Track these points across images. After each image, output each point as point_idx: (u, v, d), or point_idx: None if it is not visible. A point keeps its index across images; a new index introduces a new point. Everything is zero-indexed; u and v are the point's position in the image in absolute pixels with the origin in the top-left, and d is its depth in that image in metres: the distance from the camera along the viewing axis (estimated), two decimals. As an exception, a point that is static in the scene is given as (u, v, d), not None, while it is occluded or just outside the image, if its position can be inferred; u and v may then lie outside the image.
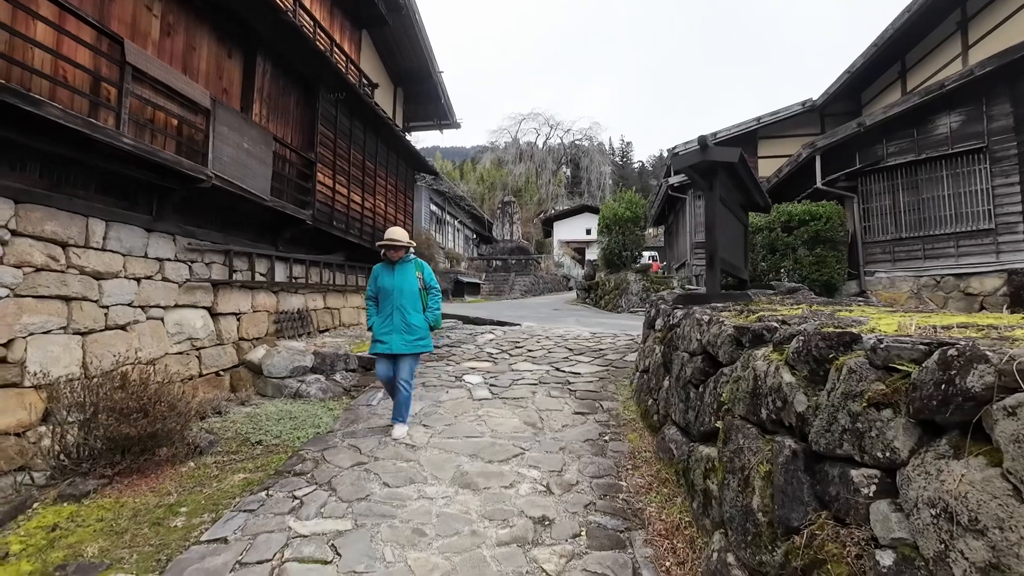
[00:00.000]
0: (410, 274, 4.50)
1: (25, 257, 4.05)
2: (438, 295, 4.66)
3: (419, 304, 4.49)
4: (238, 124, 5.97)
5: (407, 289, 4.44)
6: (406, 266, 4.53)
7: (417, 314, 4.45)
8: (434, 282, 4.63)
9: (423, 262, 4.65)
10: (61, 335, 4.32)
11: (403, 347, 4.36)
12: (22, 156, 4.09)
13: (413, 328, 4.40)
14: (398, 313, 4.39)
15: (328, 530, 2.89)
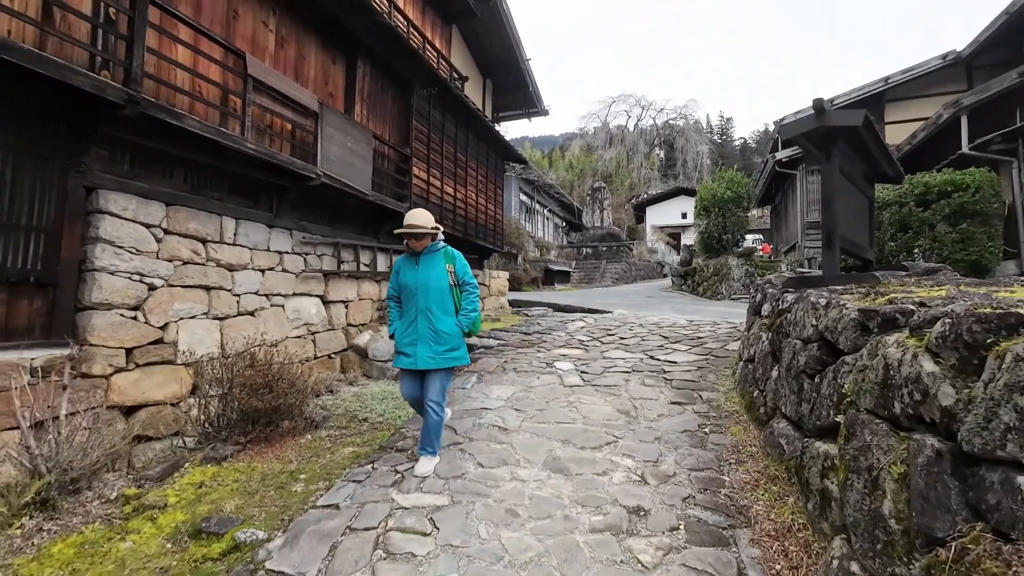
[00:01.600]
0: (438, 267, 3.55)
1: (175, 252, 4.69)
2: (474, 293, 3.64)
3: (449, 305, 3.56)
4: (342, 124, 6.41)
5: (434, 286, 3.51)
6: (433, 257, 3.59)
7: (447, 318, 3.52)
8: (469, 276, 3.65)
9: (455, 251, 3.69)
10: (204, 320, 4.96)
11: (430, 360, 3.43)
12: (171, 164, 4.71)
13: (442, 336, 3.46)
14: (423, 317, 3.48)
15: (427, 504, 3.04)
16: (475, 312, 3.62)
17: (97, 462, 3.12)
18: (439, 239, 3.66)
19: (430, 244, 3.60)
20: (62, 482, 2.90)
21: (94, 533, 2.71)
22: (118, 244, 4.18)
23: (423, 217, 3.54)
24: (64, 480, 2.91)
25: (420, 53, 8.00)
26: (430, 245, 3.60)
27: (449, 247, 3.68)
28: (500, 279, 12.70)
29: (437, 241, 3.64)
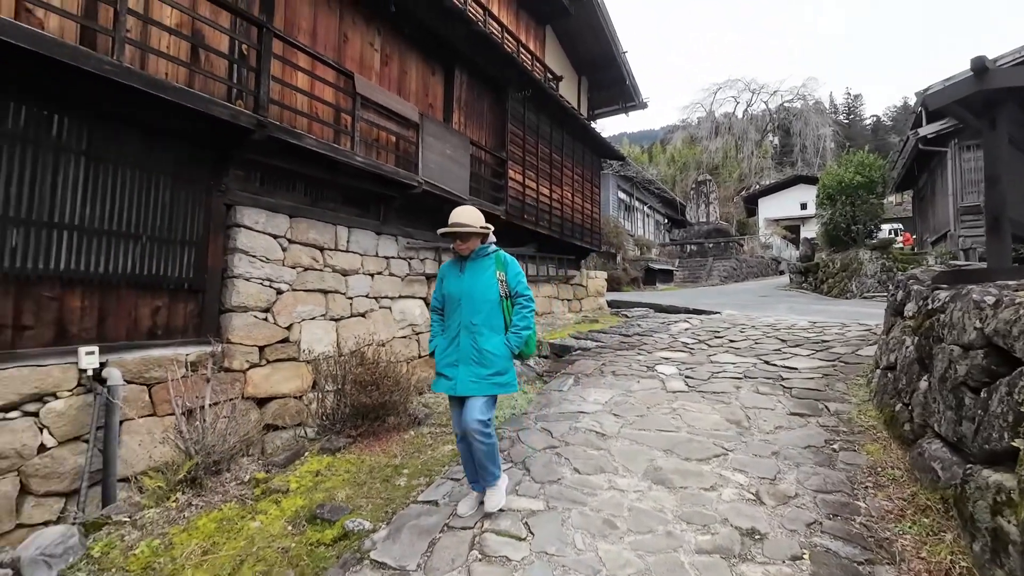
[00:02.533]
0: (486, 275, 2.97)
1: (297, 259, 5.18)
2: (528, 307, 2.99)
3: (498, 320, 2.96)
4: (441, 133, 6.67)
5: (479, 297, 2.94)
6: (481, 263, 3.01)
7: (494, 336, 2.92)
8: (522, 286, 3.01)
9: (507, 256, 3.07)
10: (322, 320, 5.42)
11: (472, 385, 2.86)
12: (293, 180, 5.21)
13: (487, 357, 2.88)
14: (466, 334, 2.92)
15: (522, 508, 3.01)
16: (528, 330, 2.97)
17: (234, 447, 3.52)
18: (490, 241, 3.05)
19: (478, 247, 3.00)
20: (206, 464, 3.31)
21: (231, 511, 3.05)
22: (252, 254, 4.71)
23: (470, 214, 2.95)
24: (208, 462, 3.32)
25: (514, 57, 8.08)
26: (478, 248, 3.00)
27: (502, 252, 3.06)
28: (598, 279, 12.43)
29: (488, 244, 3.04)
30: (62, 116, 3.54)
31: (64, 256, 3.58)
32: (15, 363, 3.29)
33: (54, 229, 3.53)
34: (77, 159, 3.64)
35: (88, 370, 3.59)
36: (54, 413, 3.45)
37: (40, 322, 3.49)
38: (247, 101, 4.51)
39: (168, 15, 4.09)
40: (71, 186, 3.61)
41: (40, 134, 3.45)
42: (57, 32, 3.44)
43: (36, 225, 3.43)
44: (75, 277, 3.63)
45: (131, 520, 2.91)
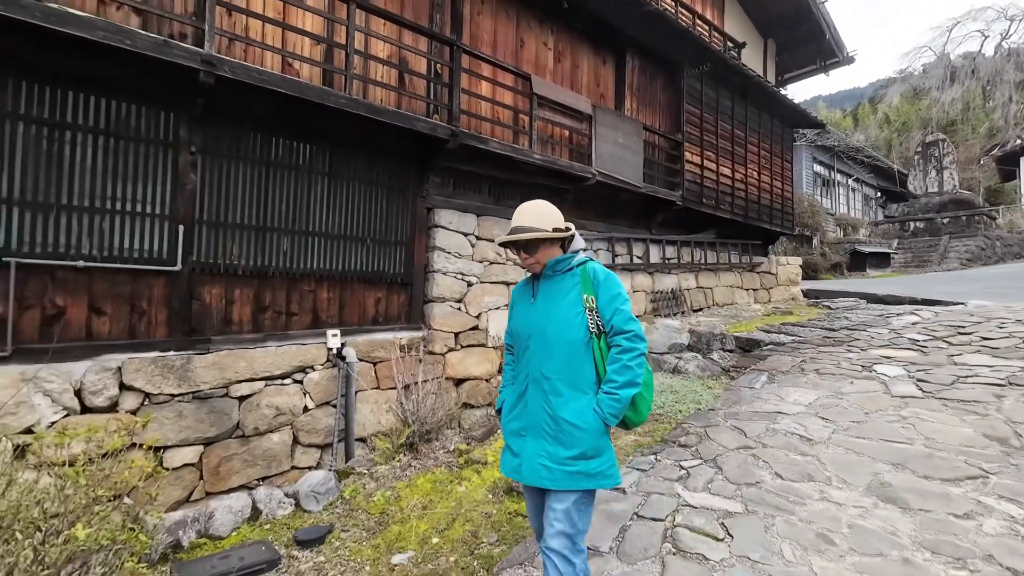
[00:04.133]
0: (566, 300, 1.92)
1: (483, 255, 5.66)
2: (633, 349, 1.85)
3: (584, 370, 1.88)
4: (613, 122, 6.60)
5: (554, 334, 1.90)
6: (559, 283, 1.96)
7: (578, 397, 1.86)
8: (623, 316, 1.87)
9: (601, 270, 1.96)
10: (504, 311, 5.84)
11: (544, 474, 1.84)
12: (479, 182, 5.70)
13: (567, 431, 1.84)
14: (536, 391, 1.92)
15: (716, 507, 2.86)
16: (633, 387, 1.81)
17: (441, 420, 4.03)
18: (577, 248, 1.99)
19: (555, 259, 1.94)
20: (420, 432, 3.86)
21: (441, 475, 3.50)
22: (447, 251, 5.30)
23: (535, 213, 1.95)
24: (422, 431, 3.86)
25: (689, 31, 7.57)
26: (555, 261, 1.94)
27: (593, 263, 1.97)
28: (790, 266, 11.04)
29: (572, 253, 1.97)
30: (312, 146, 4.43)
31: (316, 258, 4.48)
32: (288, 342, 4.24)
33: (309, 236, 4.43)
34: (322, 179, 4.52)
35: (333, 349, 4.45)
36: (312, 382, 4.36)
37: (302, 310, 4.43)
38: (441, 114, 5.06)
39: (381, 49, 4.80)
40: (318, 201, 4.49)
41: (298, 161, 4.37)
42: (307, 78, 4.31)
43: (298, 234, 4.36)
44: (324, 274, 4.52)
45: (368, 472, 3.55)
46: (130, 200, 3.55)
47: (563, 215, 2.02)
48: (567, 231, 1.95)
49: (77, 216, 3.34)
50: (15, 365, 3.06)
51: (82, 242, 3.35)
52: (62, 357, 3.22)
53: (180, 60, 3.29)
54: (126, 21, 3.43)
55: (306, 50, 4.32)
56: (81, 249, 3.35)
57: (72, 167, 3.32)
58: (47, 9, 2.88)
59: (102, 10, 3.36)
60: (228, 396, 3.88)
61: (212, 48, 3.43)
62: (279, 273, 4.24)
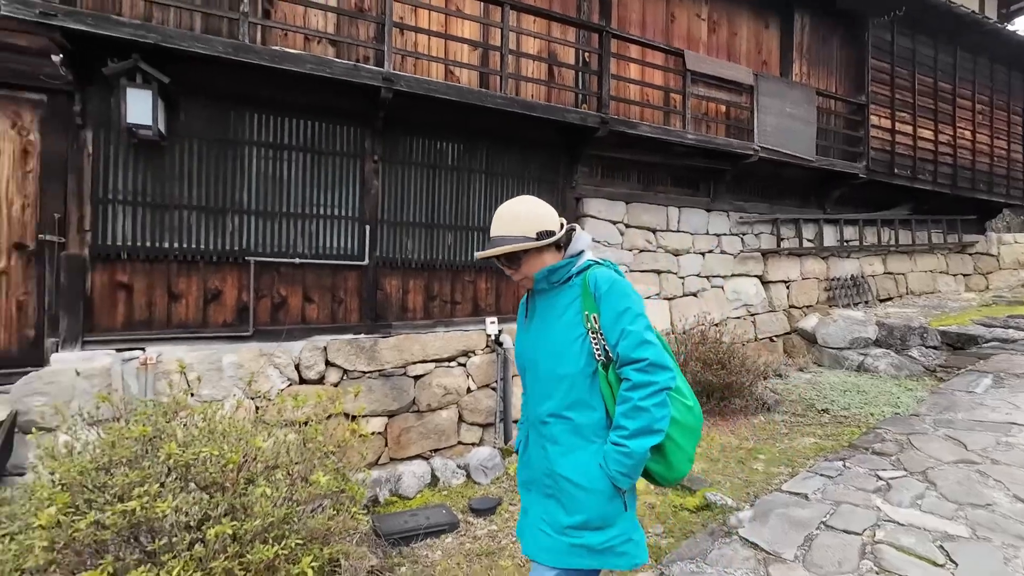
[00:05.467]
0: (562, 319, 1.45)
1: (633, 242, 5.53)
2: (650, 383, 1.30)
3: (587, 413, 1.42)
4: (779, 90, 5.94)
5: (547, 368, 1.46)
6: (555, 298, 1.49)
7: (580, 447, 1.41)
8: (634, 339, 1.33)
9: (606, 276, 1.42)
10: (656, 300, 5.65)
11: (543, 543, 1.43)
12: (627, 169, 5.57)
13: (567, 491, 1.40)
14: (535, 435, 1.51)
15: (932, 527, 2.44)
16: (648, 435, 1.32)
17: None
18: (576, 250, 1.51)
19: (547, 267, 1.47)
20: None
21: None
22: (596, 240, 5.28)
23: (509, 218, 1.47)
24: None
25: (876, -28, 6.47)
26: (546, 271, 1.47)
27: (597, 269, 1.46)
28: (1018, 245, 8.87)
29: (569, 259, 1.49)
30: (471, 146, 4.73)
31: (475, 250, 4.79)
32: (453, 328, 4.62)
33: (469, 231, 4.76)
34: (480, 177, 4.81)
35: (491, 335, 4.74)
36: (474, 365, 4.70)
37: (464, 299, 4.79)
38: (590, 103, 5.04)
39: (532, 46, 4.94)
40: (477, 197, 4.79)
41: (459, 162, 4.71)
42: (466, 83, 4.61)
43: (460, 229, 4.71)
44: (482, 266, 4.83)
45: (530, 453, 3.71)
46: (329, 206, 4.16)
47: (717, 198, 1.67)
48: (549, 236, 1.41)
49: (293, 221, 4.02)
50: (255, 343, 3.81)
51: (297, 243, 4.04)
52: (286, 337, 3.93)
53: (366, 80, 3.76)
54: (324, 52, 4.02)
55: (464, 56, 4.62)
56: (297, 248, 4.03)
57: (288, 181, 4.01)
58: (272, 51, 3.51)
59: (307, 46, 3.99)
60: (406, 375, 4.37)
61: (390, 66, 3.86)
62: (444, 265, 4.63)
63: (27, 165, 3.38)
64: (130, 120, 3.25)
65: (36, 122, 3.38)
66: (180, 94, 3.51)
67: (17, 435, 3.07)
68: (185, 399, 2.24)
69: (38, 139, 3.39)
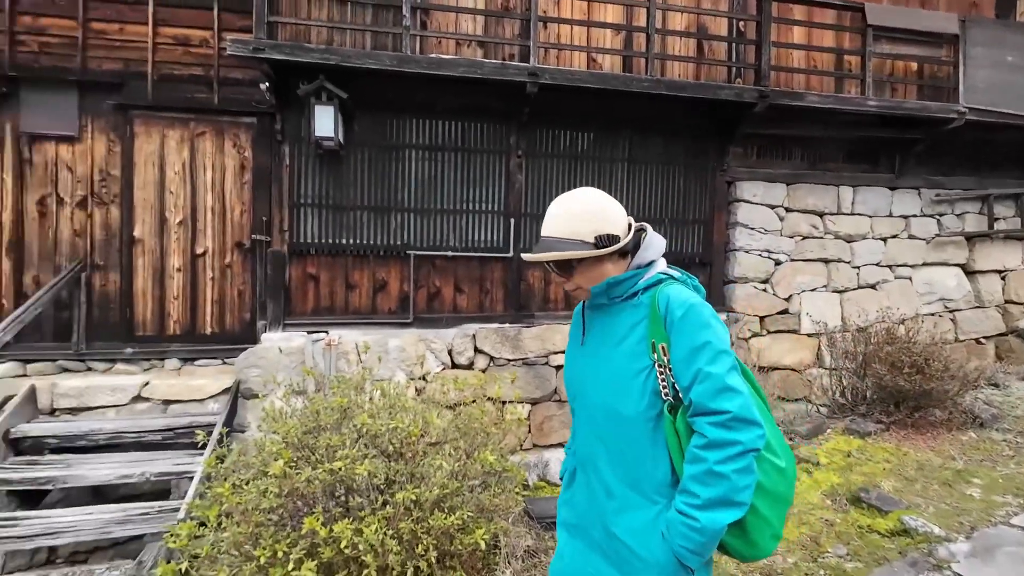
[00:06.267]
0: (623, 345, 1.16)
1: (795, 228, 4.95)
2: (731, 437, 1.00)
3: (647, 465, 1.12)
4: (995, 36, 4.84)
5: (601, 402, 1.18)
6: (616, 315, 1.18)
7: (641, 504, 1.12)
8: (711, 387, 1.02)
9: (680, 297, 1.10)
10: (823, 292, 5.00)
11: None
12: (788, 146, 4.98)
13: (621, 553, 1.13)
14: (584, 476, 1.24)
15: None
16: (726, 507, 1.01)
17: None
18: (647, 261, 1.18)
19: (608, 279, 1.16)
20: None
21: (762, 467, 3.23)
22: (750, 226, 4.83)
23: (563, 216, 1.16)
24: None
25: None
26: (605, 284, 1.16)
27: (670, 286, 1.14)
28: None
29: (636, 270, 1.17)
30: (613, 134, 4.62)
31: (617, 240, 4.68)
32: (594, 319, 4.58)
33: (611, 220, 4.66)
34: (622, 165, 4.68)
35: (634, 328, 4.61)
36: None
37: (605, 290, 4.71)
38: (745, 76, 4.61)
39: (679, 22, 4.65)
40: (619, 187, 4.67)
41: (600, 151, 4.62)
42: (608, 68, 4.50)
43: (601, 219, 4.63)
44: (623, 256, 4.70)
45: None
46: (478, 201, 4.38)
47: (904, 173, 1.26)
48: (624, 236, 1.14)
49: (446, 217, 4.31)
50: (415, 329, 4.17)
51: (450, 237, 4.32)
52: (439, 324, 4.24)
53: (513, 77, 3.86)
54: (474, 54, 4.22)
55: (607, 42, 4.51)
56: (449, 242, 4.31)
57: (442, 180, 4.30)
58: (429, 59, 3.78)
59: (458, 50, 4.22)
60: (548, 364, 4.44)
61: (535, 60, 3.92)
62: (586, 256, 4.60)
63: (243, 177, 4.08)
64: (317, 134, 3.74)
65: (249, 141, 4.07)
66: (354, 107, 3.95)
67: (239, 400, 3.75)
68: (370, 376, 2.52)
69: (251, 155, 4.08)
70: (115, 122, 3.91)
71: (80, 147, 3.88)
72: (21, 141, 3.81)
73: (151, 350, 3.95)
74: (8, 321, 3.23)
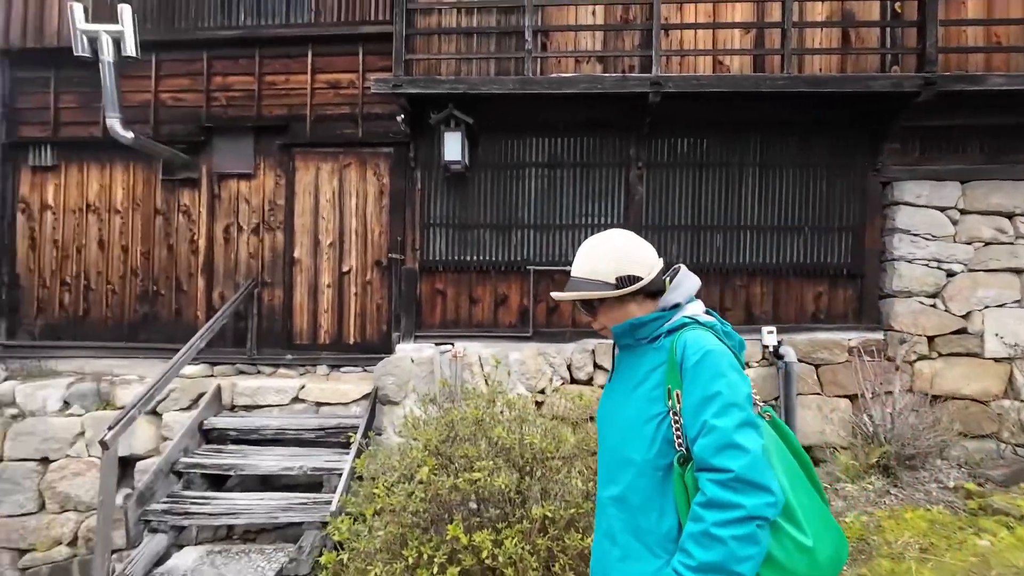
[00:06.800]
0: (641, 388, 1.11)
1: (973, 233, 4.21)
2: (731, 499, 0.91)
3: (653, 516, 1.05)
4: None
5: (614, 444, 1.14)
6: (640, 356, 1.15)
7: (643, 557, 1.06)
8: (714, 442, 0.94)
9: (697, 343, 1.03)
10: (1015, 308, 4.17)
11: None
12: (961, 138, 4.27)
13: None
14: (601, 521, 1.17)
15: None
16: (718, 574, 0.93)
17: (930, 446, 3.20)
18: (672, 303, 1.16)
19: (630, 320, 1.16)
20: (899, 455, 3.16)
21: (940, 515, 2.76)
22: (913, 232, 4.20)
23: (587, 256, 1.19)
24: (901, 454, 3.16)
25: None
26: (628, 325, 1.16)
27: (690, 331, 1.09)
28: None
29: (661, 313, 1.15)
30: (741, 138, 4.33)
31: (747, 252, 4.36)
32: (723, 336, 4.29)
33: (740, 230, 4.36)
34: (752, 171, 4.36)
35: (769, 346, 4.22)
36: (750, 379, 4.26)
37: (735, 305, 4.39)
38: (904, 63, 4.06)
39: (819, 11, 4.25)
40: (749, 194, 4.36)
41: (727, 157, 4.35)
42: (736, 70, 4.24)
43: (729, 229, 4.35)
44: (755, 268, 4.35)
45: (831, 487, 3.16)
46: (596, 215, 4.36)
47: None
48: (647, 276, 1.12)
49: (564, 232, 4.35)
50: (534, 343, 4.23)
51: (568, 252, 4.34)
52: (559, 339, 4.26)
53: (634, 88, 3.80)
54: (592, 70, 4.24)
55: (735, 42, 4.26)
56: (568, 257, 4.33)
57: (560, 195, 4.35)
58: (550, 79, 3.87)
59: (577, 67, 4.26)
60: (672, 383, 4.24)
61: (658, 69, 3.82)
62: (712, 269, 4.34)
63: (382, 202, 4.49)
64: (446, 158, 4.00)
65: (387, 169, 4.47)
66: (478, 130, 4.16)
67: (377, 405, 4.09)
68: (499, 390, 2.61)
69: (388, 182, 4.48)
70: (281, 159, 4.54)
71: (255, 182, 4.56)
72: (213, 180, 4.58)
73: (306, 357, 4.48)
74: (203, 331, 3.87)
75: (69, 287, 4.67)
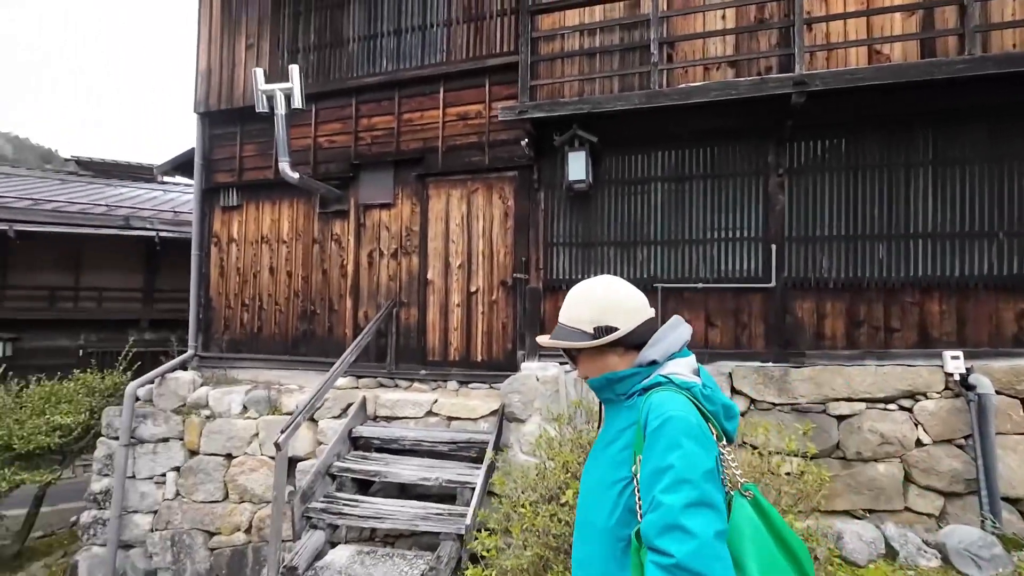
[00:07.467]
0: (609, 449, 1.04)
1: None
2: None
3: None
4: None
5: (582, 506, 1.08)
6: (616, 415, 1.06)
7: None
8: (660, 520, 0.82)
9: (661, 408, 0.90)
10: None
11: None
12: None
13: None
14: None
15: None
16: None
17: None
18: (648, 360, 1.03)
19: (608, 374, 1.07)
20: None
21: None
22: None
23: (571, 301, 1.14)
24: None
25: None
26: (604, 379, 1.08)
27: (660, 393, 0.94)
28: None
29: (638, 369, 1.03)
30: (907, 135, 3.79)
31: (920, 263, 3.76)
32: (889, 361, 3.72)
33: (909, 239, 3.78)
34: (922, 170, 3.78)
35: (954, 374, 3.57)
36: (926, 412, 3.63)
37: (905, 325, 3.80)
38: None
39: (1008, -21, 3.61)
40: (919, 195, 3.78)
41: (889, 157, 3.83)
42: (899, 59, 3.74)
43: (895, 238, 3.80)
44: (931, 282, 3.74)
45: None
46: (729, 228, 4.08)
47: None
48: (625, 328, 1.06)
49: (694, 247, 4.12)
50: (664, 364, 4.03)
51: (699, 268, 4.10)
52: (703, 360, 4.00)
53: (773, 90, 3.52)
54: (723, 76, 4.02)
55: (895, 28, 3.77)
56: (698, 273, 4.10)
57: (689, 209, 4.14)
58: (679, 90, 3.74)
59: (706, 75, 4.07)
60: (826, 413, 3.76)
61: (801, 68, 3.51)
62: (873, 284, 3.81)
63: (506, 224, 4.64)
64: (570, 178, 4.03)
65: (511, 192, 4.63)
66: (602, 148, 4.14)
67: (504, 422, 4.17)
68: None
69: (512, 204, 4.62)
70: (416, 188, 4.92)
71: (394, 211, 4.99)
72: (359, 210, 5.10)
73: (438, 372, 4.73)
74: (352, 346, 4.28)
75: (247, 307, 5.47)
